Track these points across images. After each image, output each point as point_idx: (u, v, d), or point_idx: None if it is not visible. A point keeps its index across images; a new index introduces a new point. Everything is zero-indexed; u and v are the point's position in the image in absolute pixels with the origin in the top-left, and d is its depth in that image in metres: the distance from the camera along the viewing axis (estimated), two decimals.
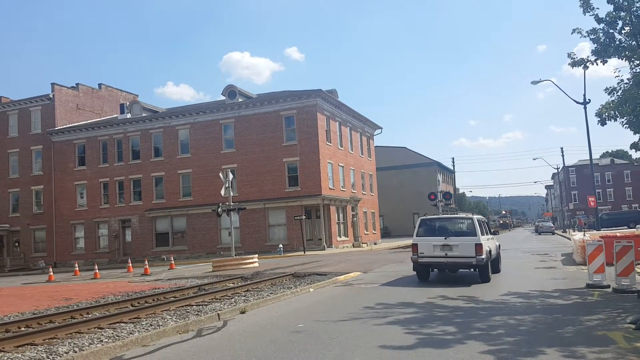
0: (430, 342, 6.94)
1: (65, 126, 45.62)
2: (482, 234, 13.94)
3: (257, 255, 26.47)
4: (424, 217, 15.04)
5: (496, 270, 15.46)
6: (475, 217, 14.59)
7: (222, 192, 25.58)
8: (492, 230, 18.22)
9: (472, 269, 14.00)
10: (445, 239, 13.67)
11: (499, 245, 16.97)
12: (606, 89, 11.98)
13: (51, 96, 45.71)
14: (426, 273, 14.46)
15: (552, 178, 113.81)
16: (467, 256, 13.40)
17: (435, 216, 15.70)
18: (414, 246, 14.16)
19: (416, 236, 14.29)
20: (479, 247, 13.35)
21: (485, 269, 13.60)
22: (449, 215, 17.67)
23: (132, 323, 9.78)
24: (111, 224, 43.23)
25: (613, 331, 7.10)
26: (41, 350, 7.68)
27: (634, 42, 11.40)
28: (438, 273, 15.60)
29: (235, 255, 26.02)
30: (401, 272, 17.06)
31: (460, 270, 15.00)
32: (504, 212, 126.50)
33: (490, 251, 14.25)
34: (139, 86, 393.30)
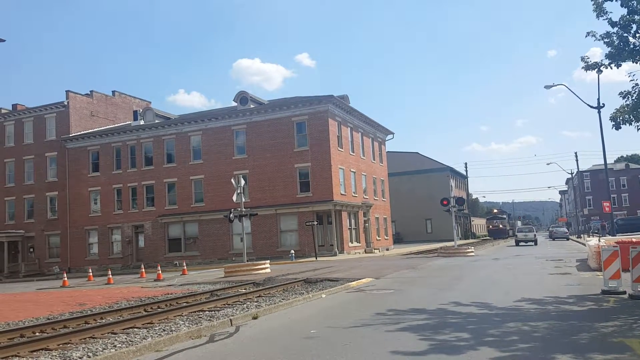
0: (443, 348, 6.89)
1: (79, 133, 46.18)
2: (535, 232, 47.14)
3: (268, 261, 26.51)
4: (519, 227, 58.02)
5: (537, 244, 43.26)
6: (533, 227, 52.91)
7: (234, 198, 25.67)
8: (536, 230, 51.33)
9: (532, 243, 43.55)
10: (525, 232, 46.18)
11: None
12: (621, 92, 11.85)
13: (65, 103, 46.31)
14: (518, 243, 44.42)
15: (567, 183, 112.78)
16: (532, 238, 44.43)
17: (522, 226, 58.09)
18: (516, 235, 48.54)
19: (517, 232, 49.94)
20: (535, 235, 45.63)
21: (536, 242, 44.32)
22: (527, 226, 54.47)
23: (146, 328, 9.84)
24: (124, 230, 43.58)
25: (629, 338, 7.00)
26: (55, 355, 7.76)
27: None
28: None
29: (247, 261, 26.06)
30: (414, 279, 16.98)
31: (529, 242, 43.78)
32: (495, 211, 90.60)
33: (537, 237, 46.35)
34: (151, 94, 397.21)
